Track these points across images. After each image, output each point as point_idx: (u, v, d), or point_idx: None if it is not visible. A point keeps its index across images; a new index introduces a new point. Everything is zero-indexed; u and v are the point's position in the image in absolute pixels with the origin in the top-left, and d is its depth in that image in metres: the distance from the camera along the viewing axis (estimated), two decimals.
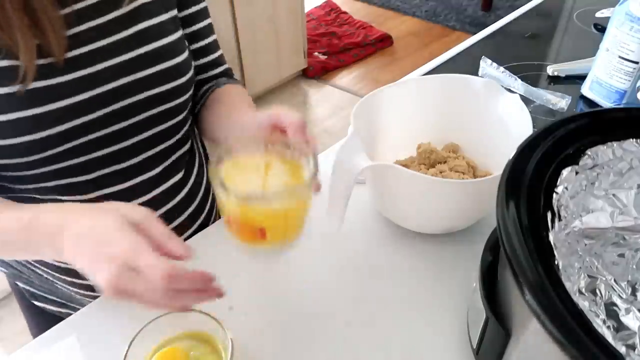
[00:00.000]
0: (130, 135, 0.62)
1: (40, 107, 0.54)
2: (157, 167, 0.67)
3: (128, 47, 0.59)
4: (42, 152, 0.56)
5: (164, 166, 0.68)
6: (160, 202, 0.68)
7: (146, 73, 0.60)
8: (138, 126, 0.62)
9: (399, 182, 0.61)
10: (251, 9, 2.26)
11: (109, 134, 0.60)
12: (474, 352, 0.53)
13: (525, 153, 0.48)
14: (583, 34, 1.18)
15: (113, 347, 0.51)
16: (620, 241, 0.45)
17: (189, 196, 0.73)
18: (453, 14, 3.28)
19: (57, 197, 0.62)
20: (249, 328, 0.59)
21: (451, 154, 0.73)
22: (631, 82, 0.86)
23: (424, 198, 0.61)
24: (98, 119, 0.58)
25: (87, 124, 0.57)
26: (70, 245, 0.43)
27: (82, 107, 0.56)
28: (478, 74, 1.03)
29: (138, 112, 0.61)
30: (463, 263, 0.64)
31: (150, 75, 0.60)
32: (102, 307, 0.65)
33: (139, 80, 0.60)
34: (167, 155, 0.68)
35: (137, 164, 0.65)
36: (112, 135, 0.61)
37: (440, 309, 0.61)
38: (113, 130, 0.60)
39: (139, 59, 0.59)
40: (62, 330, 0.62)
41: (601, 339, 0.35)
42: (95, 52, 0.57)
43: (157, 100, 0.62)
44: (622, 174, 0.48)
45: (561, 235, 0.43)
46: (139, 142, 0.64)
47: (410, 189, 0.61)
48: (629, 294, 0.40)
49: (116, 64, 0.58)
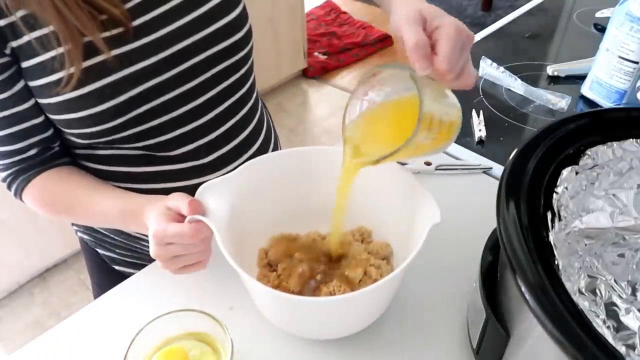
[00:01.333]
0: (200, 93, 0.67)
1: (115, 75, 0.59)
2: (228, 122, 0.72)
3: (184, 11, 0.63)
4: (123, 116, 0.62)
5: (235, 120, 0.73)
6: (236, 154, 0.74)
7: (204, 34, 0.64)
8: (205, 84, 0.67)
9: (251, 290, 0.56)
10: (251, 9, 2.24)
11: (179, 94, 0.65)
12: (474, 352, 0.53)
13: (525, 153, 0.48)
14: (583, 34, 1.18)
15: (113, 347, 0.52)
16: (620, 241, 0.45)
17: (260, 150, 0.78)
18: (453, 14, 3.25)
19: (148, 153, 0.68)
20: (249, 328, 0.59)
21: None
22: (631, 82, 0.86)
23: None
24: (168, 80, 0.63)
25: (158, 86, 0.63)
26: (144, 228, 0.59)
27: (153, 70, 0.62)
28: (478, 74, 1.03)
29: (203, 71, 0.66)
30: (463, 263, 0.64)
31: (207, 35, 0.65)
32: (102, 306, 0.65)
33: (199, 40, 0.64)
34: (234, 112, 0.73)
35: (209, 120, 0.69)
36: (183, 96, 0.65)
37: (440, 309, 0.61)
38: (183, 90, 0.65)
39: (196, 21, 0.64)
40: (62, 331, 0.62)
41: (601, 339, 0.35)
42: (157, 18, 0.62)
43: (218, 58, 0.67)
44: (622, 174, 0.48)
45: (561, 235, 0.43)
46: (208, 99, 0.68)
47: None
48: (629, 294, 0.40)
49: (176, 28, 0.63)
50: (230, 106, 0.72)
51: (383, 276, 0.58)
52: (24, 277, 1.78)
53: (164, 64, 0.62)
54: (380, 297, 0.55)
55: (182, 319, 0.52)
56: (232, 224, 0.57)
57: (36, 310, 1.71)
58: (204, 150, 0.70)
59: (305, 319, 0.56)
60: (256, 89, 0.81)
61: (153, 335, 0.51)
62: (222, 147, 0.72)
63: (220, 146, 0.72)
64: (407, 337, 0.58)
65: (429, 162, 0.80)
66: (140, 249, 0.79)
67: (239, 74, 0.71)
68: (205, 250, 0.57)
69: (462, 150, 0.85)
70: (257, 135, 0.78)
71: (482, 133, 0.87)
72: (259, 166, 0.62)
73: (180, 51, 0.63)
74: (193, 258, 0.57)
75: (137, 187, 0.70)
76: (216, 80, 0.68)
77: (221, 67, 0.68)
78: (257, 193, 0.62)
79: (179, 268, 0.57)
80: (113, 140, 0.64)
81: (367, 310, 0.56)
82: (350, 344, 0.58)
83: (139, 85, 0.61)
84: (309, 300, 0.52)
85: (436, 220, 0.51)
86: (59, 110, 0.60)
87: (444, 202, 0.55)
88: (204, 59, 0.65)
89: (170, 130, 0.67)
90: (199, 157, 0.70)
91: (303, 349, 0.58)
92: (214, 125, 0.70)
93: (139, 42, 0.60)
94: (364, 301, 0.53)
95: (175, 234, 0.53)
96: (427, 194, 0.55)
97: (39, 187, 0.66)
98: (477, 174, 0.80)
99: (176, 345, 0.52)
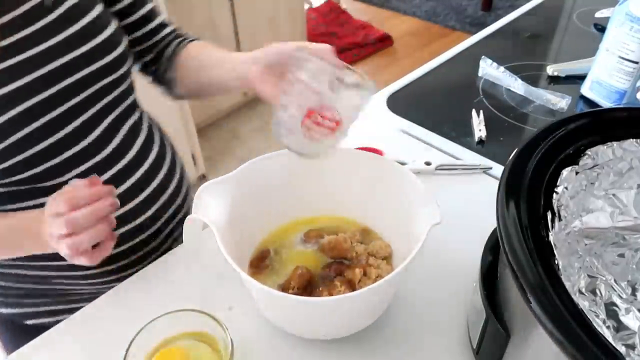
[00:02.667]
0: (78, 114, 0.64)
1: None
2: (113, 139, 0.68)
3: (53, 32, 0.60)
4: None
5: (120, 138, 0.69)
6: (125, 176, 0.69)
7: (73, 55, 0.61)
8: (81, 105, 0.64)
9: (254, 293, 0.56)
10: (251, 9, 2.26)
11: (57, 116, 0.61)
12: (474, 352, 0.53)
13: (525, 153, 0.48)
14: (583, 34, 1.18)
15: (113, 347, 0.52)
16: (620, 241, 0.45)
17: (154, 167, 0.73)
18: (453, 14, 3.28)
19: (35, 186, 0.63)
20: (249, 328, 0.59)
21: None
22: (631, 82, 0.86)
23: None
24: (39, 103, 0.59)
25: (30, 109, 0.58)
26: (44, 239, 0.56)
27: (21, 94, 0.58)
28: (478, 74, 1.03)
29: (77, 93, 0.63)
30: (463, 263, 0.63)
31: (77, 57, 0.61)
32: (101, 307, 0.65)
33: (68, 63, 0.61)
34: (117, 127, 0.69)
35: (94, 141, 0.66)
36: (61, 117, 0.62)
37: (440, 309, 0.61)
38: (60, 112, 0.61)
39: (64, 42, 0.61)
40: (62, 331, 0.62)
41: (601, 339, 0.35)
42: (22, 40, 0.58)
43: (92, 79, 0.64)
44: (622, 174, 0.48)
45: (561, 235, 0.43)
46: (88, 119, 0.65)
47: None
48: (629, 294, 0.40)
49: (44, 49, 0.59)
50: (112, 123, 0.68)
51: (383, 276, 0.58)
52: None
53: (30, 88, 0.58)
54: (379, 298, 0.55)
55: (182, 319, 0.52)
56: (231, 224, 0.57)
57: None
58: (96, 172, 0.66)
59: (304, 319, 0.56)
60: (141, 109, 0.77)
61: (153, 335, 0.51)
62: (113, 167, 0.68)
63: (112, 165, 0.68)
64: (407, 337, 0.58)
65: (429, 162, 0.80)
66: (51, 289, 0.72)
67: (113, 94, 0.68)
68: (104, 226, 0.54)
69: (462, 150, 0.85)
70: (147, 152, 0.73)
71: (482, 133, 0.87)
72: (259, 166, 0.62)
73: (49, 74, 0.59)
74: (92, 217, 0.53)
75: None
76: (91, 102, 0.65)
77: (95, 89, 0.64)
78: (256, 193, 0.62)
79: (82, 251, 0.54)
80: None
81: (367, 311, 0.56)
82: (350, 344, 0.58)
83: (9, 110, 0.57)
84: (308, 301, 0.52)
85: (436, 221, 0.51)
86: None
87: (444, 202, 0.55)
88: (74, 82, 0.62)
89: (52, 156, 0.62)
90: None
91: (303, 349, 0.58)
92: (98, 146, 0.66)
93: (1, 64, 0.56)
94: (364, 301, 0.53)
95: (60, 192, 0.53)
96: (427, 194, 0.55)
97: None
98: (477, 174, 0.80)
99: (176, 345, 0.52)
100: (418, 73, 1.05)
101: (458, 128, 0.90)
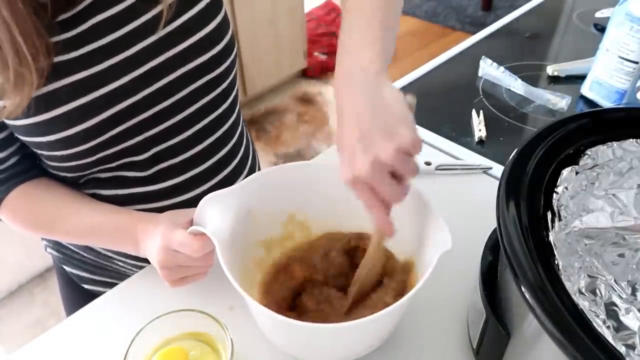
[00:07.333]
0: (178, 111, 0.64)
1: (85, 97, 0.57)
2: (207, 139, 0.69)
3: (155, 26, 0.60)
4: (95, 139, 0.59)
5: (215, 137, 0.70)
6: (212, 173, 0.71)
7: (177, 50, 0.61)
8: (183, 102, 0.64)
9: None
10: (251, 10, 2.26)
11: (155, 113, 0.62)
12: (474, 352, 0.53)
13: (525, 153, 0.48)
14: (583, 34, 1.18)
15: (113, 347, 0.52)
16: (620, 241, 0.45)
17: (238, 167, 0.75)
18: (453, 14, 3.28)
19: (120, 174, 0.65)
20: (249, 328, 0.59)
21: None
22: (631, 82, 0.86)
23: None
24: (142, 100, 0.60)
25: (132, 106, 0.60)
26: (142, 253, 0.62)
27: (125, 91, 0.59)
28: (478, 74, 1.03)
29: (179, 89, 0.63)
30: (463, 263, 0.63)
31: (182, 51, 0.61)
32: (101, 308, 0.65)
33: (172, 57, 0.61)
34: (214, 129, 0.70)
35: (187, 138, 0.67)
36: (160, 114, 0.63)
37: (440, 309, 0.61)
38: (159, 109, 0.62)
39: (168, 36, 0.60)
40: (62, 331, 0.62)
41: (601, 339, 0.35)
42: (128, 35, 0.58)
43: (195, 74, 0.63)
44: (622, 174, 0.48)
45: (561, 235, 0.43)
46: (187, 116, 0.65)
47: None
48: (629, 294, 0.40)
49: (150, 44, 0.59)
50: (208, 124, 0.68)
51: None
52: (25, 277, 1.78)
53: (135, 84, 0.59)
54: (379, 328, 0.53)
55: (182, 319, 0.52)
56: (235, 238, 0.55)
57: (36, 310, 1.71)
58: (177, 170, 0.67)
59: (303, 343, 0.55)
60: (239, 103, 0.77)
61: (153, 335, 0.51)
62: (198, 166, 0.69)
63: (196, 165, 0.69)
64: (407, 336, 0.58)
65: (428, 162, 0.80)
66: (110, 266, 0.76)
67: (219, 89, 0.67)
68: (207, 264, 0.57)
69: (462, 150, 0.85)
70: (236, 153, 0.74)
71: (482, 133, 0.87)
72: (265, 179, 0.60)
73: (153, 69, 0.60)
74: (195, 270, 0.58)
75: None
76: (193, 98, 0.65)
77: (199, 84, 0.64)
78: (262, 206, 0.60)
79: (180, 279, 0.58)
80: (86, 164, 0.62)
81: (365, 340, 0.54)
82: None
83: (110, 108, 0.58)
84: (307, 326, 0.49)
85: (447, 248, 0.49)
86: (26, 133, 0.58)
87: (444, 202, 0.55)
88: (179, 77, 0.62)
89: (143, 150, 0.64)
90: (171, 177, 0.67)
91: None
92: (190, 144, 0.67)
93: (108, 62, 0.57)
94: (362, 331, 0.51)
95: (180, 244, 0.54)
96: (439, 219, 0.52)
97: (20, 198, 0.64)
98: (477, 174, 0.80)
99: (176, 345, 0.52)
100: (418, 73, 1.05)
101: (458, 128, 0.90)
